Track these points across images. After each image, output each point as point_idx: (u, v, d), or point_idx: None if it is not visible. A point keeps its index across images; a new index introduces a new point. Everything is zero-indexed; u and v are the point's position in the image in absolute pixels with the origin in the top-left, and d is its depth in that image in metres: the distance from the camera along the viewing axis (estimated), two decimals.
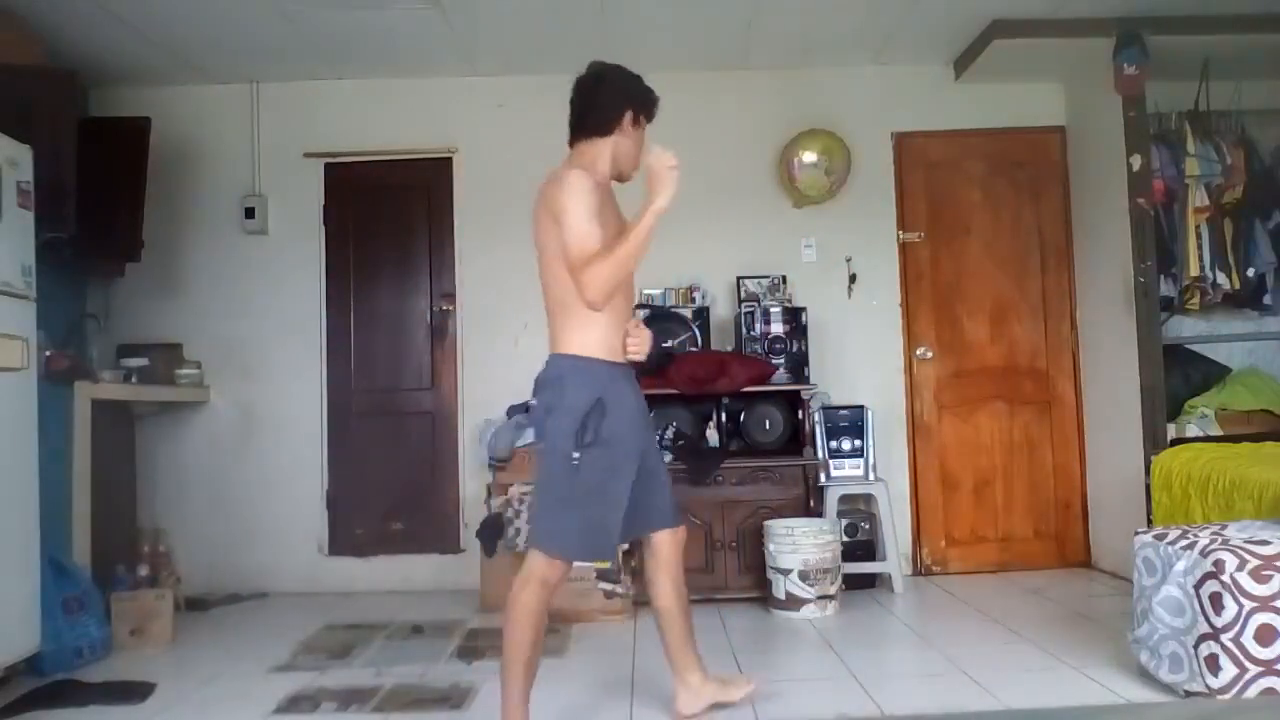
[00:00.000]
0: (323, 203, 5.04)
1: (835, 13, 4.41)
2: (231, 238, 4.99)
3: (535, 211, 2.64)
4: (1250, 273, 4.56)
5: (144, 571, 4.34)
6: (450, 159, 5.04)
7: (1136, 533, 3.10)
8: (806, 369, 4.57)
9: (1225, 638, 2.66)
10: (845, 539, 4.45)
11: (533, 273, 5.16)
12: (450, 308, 5.02)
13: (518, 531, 4.16)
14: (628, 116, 2.70)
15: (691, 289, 4.81)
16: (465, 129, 5.03)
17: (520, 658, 2.56)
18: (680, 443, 4.48)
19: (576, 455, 2.51)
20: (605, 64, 2.76)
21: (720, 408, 4.60)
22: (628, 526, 2.67)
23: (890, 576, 4.50)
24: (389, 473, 4.96)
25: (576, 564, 2.72)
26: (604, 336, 2.60)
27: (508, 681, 2.56)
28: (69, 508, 3.88)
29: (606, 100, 2.69)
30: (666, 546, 2.80)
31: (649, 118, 2.76)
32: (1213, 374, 4.65)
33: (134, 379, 4.49)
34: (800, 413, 4.48)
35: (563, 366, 2.59)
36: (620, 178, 2.79)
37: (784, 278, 4.85)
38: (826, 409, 4.64)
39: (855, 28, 4.59)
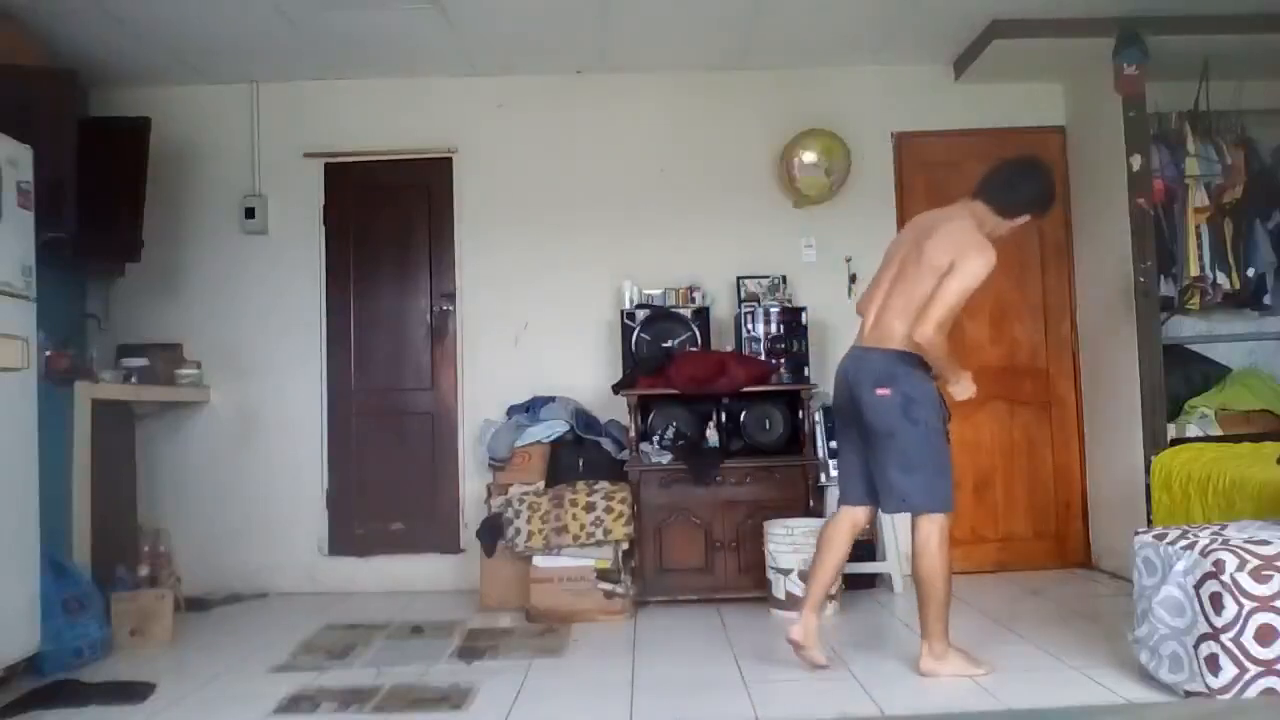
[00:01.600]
0: (323, 203, 5.04)
1: (835, 13, 4.41)
2: (231, 238, 4.99)
3: (936, 229, 3.19)
4: (1250, 273, 4.56)
5: (144, 571, 4.34)
6: (450, 159, 5.04)
7: (1136, 533, 3.10)
8: (806, 369, 4.57)
9: (1225, 638, 2.66)
10: None
11: (532, 272, 5.19)
12: (450, 308, 5.02)
13: (518, 531, 4.16)
14: (1026, 217, 3.26)
15: (691, 289, 4.81)
16: (465, 129, 5.03)
17: (947, 601, 3.10)
18: (680, 443, 4.48)
19: (945, 432, 3.14)
20: (1043, 164, 3.33)
21: (720, 408, 4.60)
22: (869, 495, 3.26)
23: (890, 576, 4.50)
24: (389, 473, 4.96)
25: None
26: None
27: (937, 621, 3.09)
28: (69, 508, 3.88)
29: (1030, 196, 3.25)
30: (864, 517, 3.35)
31: (1036, 219, 3.32)
32: (1213, 374, 4.65)
33: (134, 379, 4.49)
34: (800, 413, 4.48)
35: (912, 361, 3.12)
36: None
37: (784, 278, 4.85)
38: (826, 409, 4.64)
39: (855, 28, 4.59)
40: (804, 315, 4.62)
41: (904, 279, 3.17)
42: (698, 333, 4.65)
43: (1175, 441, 4.20)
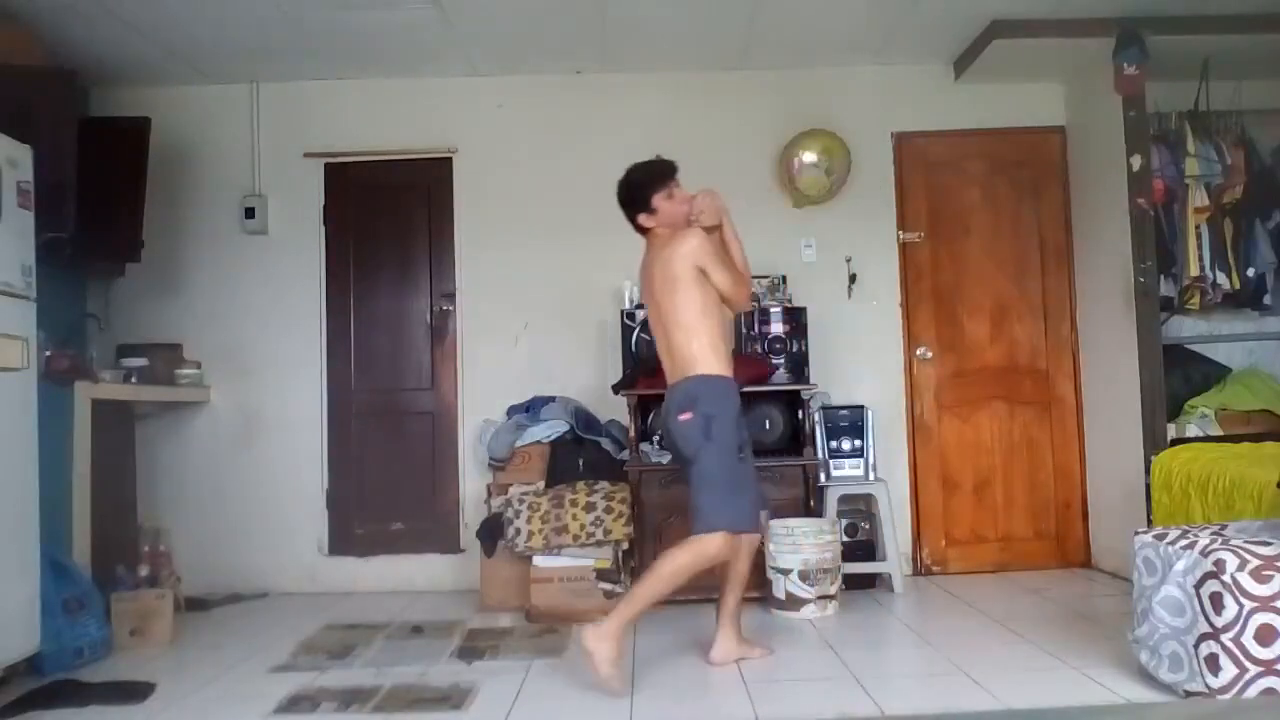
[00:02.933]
0: (323, 203, 5.04)
1: (835, 13, 4.41)
2: (231, 238, 4.99)
3: (657, 265, 3.32)
4: (1250, 273, 4.56)
5: (144, 571, 4.34)
6: (450, 159, 5.04)
7: (1136, 533, 3.10)
8: (806, 369, 4.57)
9: (1225, 638, 2.66)
10: (845, 539, 4.45)
11: (532, 272, 5.20)
12: (450, 308, 5.02)
13: (517, 531, 4.16)
14: (664, 193, 3.36)
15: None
16: (465, 129, 5.03)
17: (649, 599, 3.14)
18: None
19: (741, 453, 3.23)
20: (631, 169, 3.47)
21: None
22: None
23: (890, 576, 4.50)
24: (389, 473, 4.96)
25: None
26: (725, 359, 3.28)
27: (628, 607, 3.12)
28: (69, 508, 3.88)
29: (643, 183, 3.40)
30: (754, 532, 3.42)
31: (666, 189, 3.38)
32: (1213, 374, 4.65)
33: (134, 379, 4.49)
34: (800, 413, 4.48)
35: (713, 383, 3.21)
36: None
37: (784, 278, 4.85)
38: (826, 409, 4.64)
39: (855, 28, 4.59)
40: (804, 315, 4.62)
41: (667, 317, 3.30)
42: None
43: (1175, 441, 4.20)
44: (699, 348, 3.21)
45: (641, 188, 3.37)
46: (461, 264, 5.01)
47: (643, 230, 3.42)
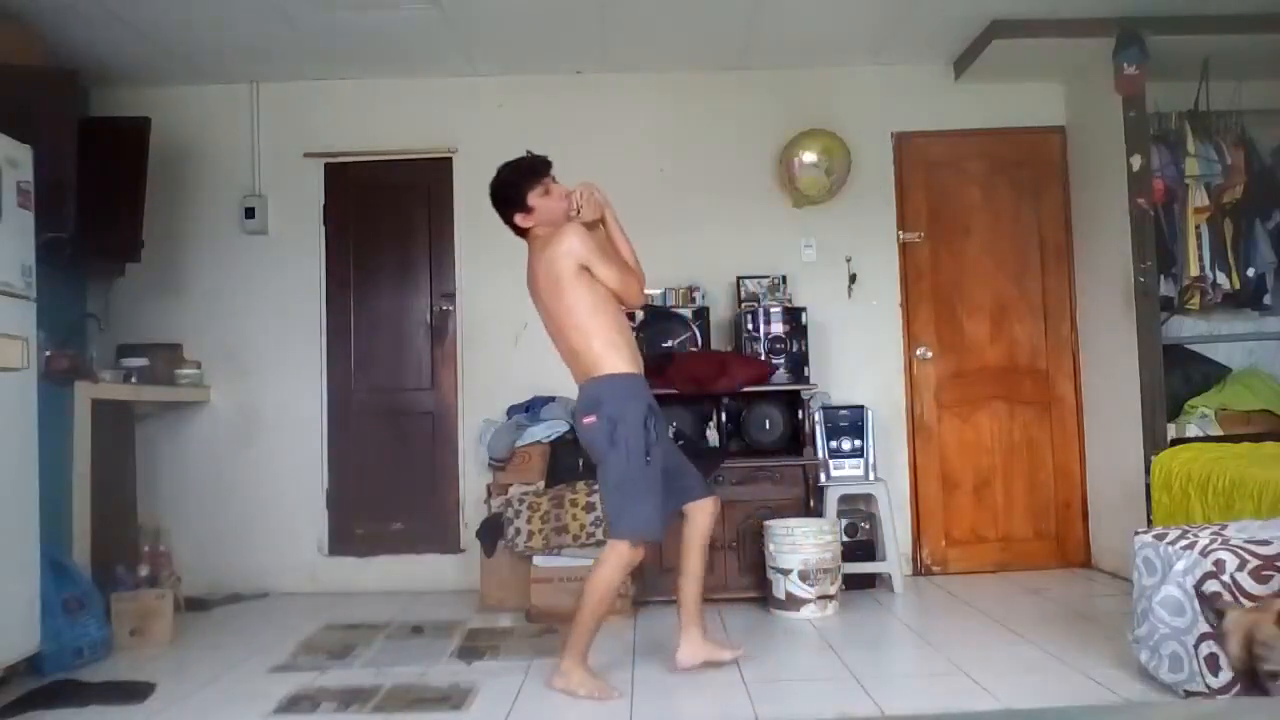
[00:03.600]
0: (323, 203, 5.04)
1: (835, 13, 4.41)
2: (231, 238, 4.99)
3: (540, 270, 3.22)
4: (1250, 273, 4.56)
5: (144, 571, 4.34)
6: (450, 159, 5.04)
7: (1136, 533, 3.10)
8: (806, 369, 4.57)
9: None
10: (845, 539, 4.45)
11: None
12: (450, 308, 5.02)
13: (517, 531, 4.16)
14: (538, 189, 3.28)
15: (691, 289, 4.81)
16: (465, 129, 5.03)
17: (593, 623, 3.09)
18: (680, 443, 4.46)
19: (649, 456, 3.04)
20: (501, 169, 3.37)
21: (720, 408, 4.60)
22: (669, 505, 3.18)
23: (890, 576, 4.50)
24: (389, 473, 4.96)
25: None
26: (628, 357, 3.14)
27: (577, 637, 3.07)
28: (69, 508, 3.88)
29: (514, 181, 3.32)
30: (703, 514, 3.27)
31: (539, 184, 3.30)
32: (1213, 374, 4.65)
33: (134, 379, 4.49)
34: (800, 413, 4.48)
35: (616, 383, 3.09)
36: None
37: (784, 278, 4.85)
38: (826, 409, 4.64)
39: (855, 28, 4.59)
40: (804, 315, 4.62)
41: (559, 319, 3.21)
42: (698, 333, 4.65)
43: (1175, 441, 4.20)
44: (600, 346, 3.09)
45: (514, 186, 3.26)
46: (461, 264, 5.01)
47: (521, 232, 3.32)
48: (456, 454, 4.95)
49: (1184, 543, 2.85)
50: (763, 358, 4.56)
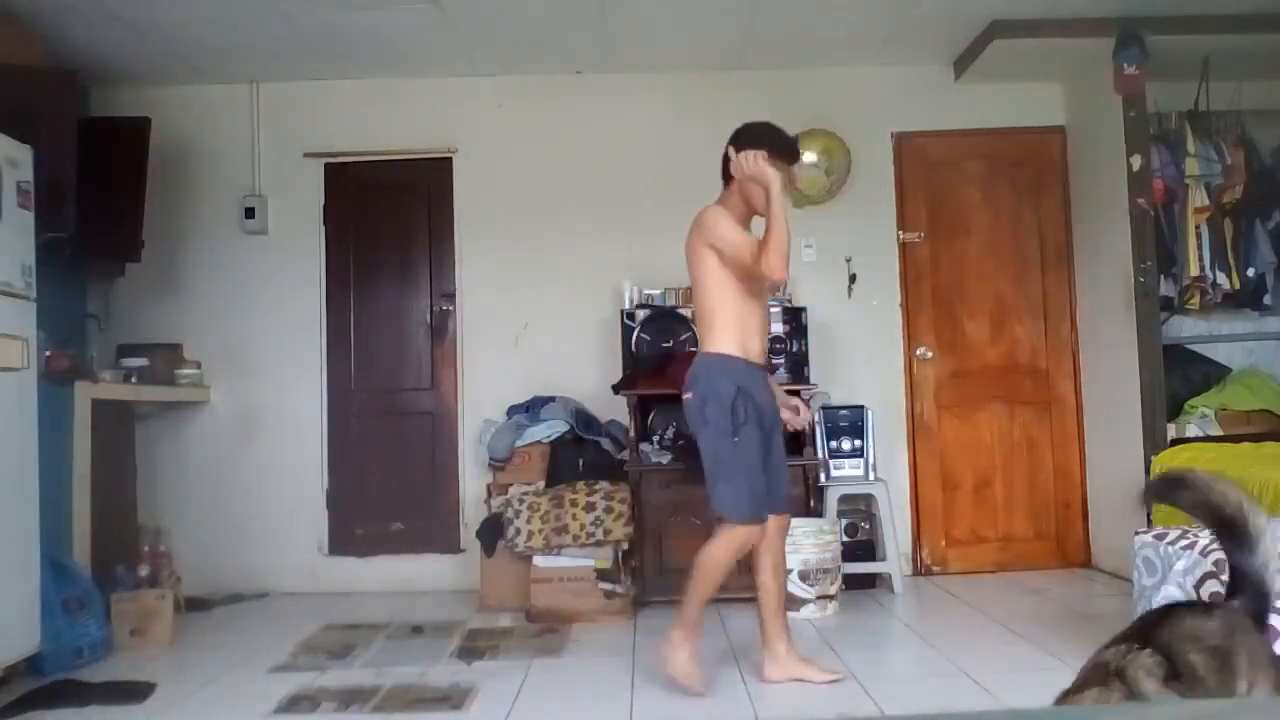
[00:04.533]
0: (323, 203, 5.04)
1: (835, 13, 4.41)
2: (231, 238, 4.99)
3: (687, 244, 3.19)
4: (1250, 273, 4.56)
5: (144, 571, 4.33)
6: (450, 159, 5.04)
7: (1136, 533, 3.10)
8: (806, 369, 4.56)
9: None
10: (845, 539, 4.45)
11: (532, 272, 5.21)
12: (450, 308, 5.02)
13: (517, 531, 4.16)
14: (763, 155, 3.12)
15: (692, 289, 4.80)
16: (465, 129, 5.03)
17: (700, 598, 3.06)
18: (680, 443, 4.47)
19: (737, 437, 3.00)
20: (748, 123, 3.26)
21: None
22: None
23: (890, 576, 4.50)
24: (389, 473, 4.96)
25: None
26: (738, 338, 3.09)
27: (688, 612, 3.06)
28: (69, 508, 3.88)
29: (728, 153, 3.22)
30: (774, 529, 3.16)
31: (785, 162, 3.17)
32: (1213, 374, 4.65)
33: (134, 379, 4.49)
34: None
35: (711, 362, 3.09)
36: (754, 212, 3.19)
37: None
38: (826, 409, 4.64)
39: (855, 28, 4.59)
40: (804, 315, 4.62)
41: (694, 292, 3.25)
42: (698, 333, 4.64)
43: (1175, 441, 4.20)
44: (711, 324, 3.11)
45: (736, 138, 3.22)
46: (461, 264, 5.01)
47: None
48: (456, 454, 4.95)
49: (1184, 543, 2.85)
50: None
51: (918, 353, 4.97)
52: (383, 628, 4.04)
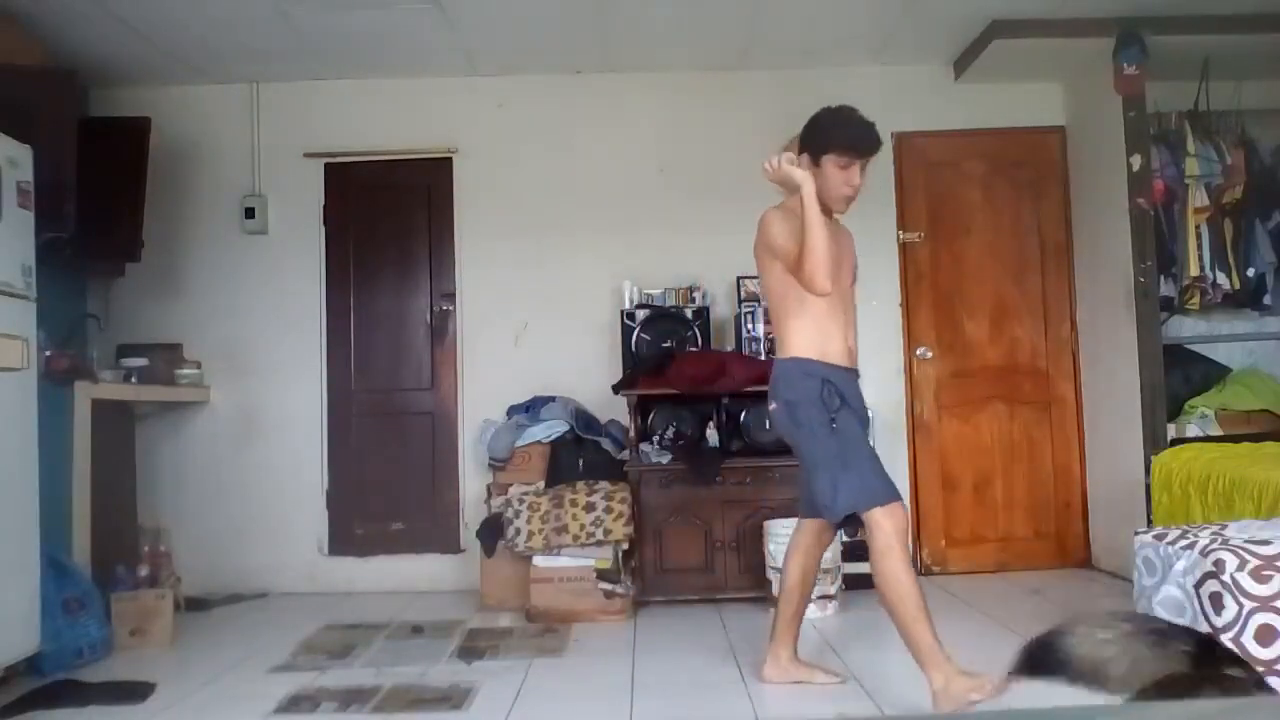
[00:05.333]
0: (323, 203, 5.04)
1: (835, 13, 4.41)
2: (231, 238, 4.99)
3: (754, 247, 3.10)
4: (1250, 273, 4.56)
5: (144, 571, 4.33)
6: (450, 159, 5.04)
7: (1136, 533, 3.09)
8: None
9: (1225, 638, 2.65)
10: (845, 539, 4.44)
11: (533, 272, 5.21)
12: (450, 308, 5.02)
13: (517, 531, 4.16)
14: (805, 159, 3.03)
15: (691, 289, 4.81)
16: (465, 129, 5.03)
17: (916, 611, 2.75)
18: (680, 443, 4.48)
19: (834, 424, 2.85)
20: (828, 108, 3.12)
21: (720, 408, 4.59)
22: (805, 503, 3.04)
23: None
24: (389, 473, 4.96)
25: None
26: (815, 342, 2.95)
27: (924, 641, 2.73)
28: (69, 508, 3.88)
29: (821, 128, 3.09)
30: (818, 531, 3.10)
31: (838, 156, 3.03)
32: (1213, 374, 4.65)
33: (134, 379, 4.49)
34: None
35: (787, 367, 2.97)
36: (828, 210, 3.00)
37: None
38: None
39: (855, 28, 4.59)
40: None
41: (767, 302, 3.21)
42: (698, 333, 4.65)
43: (1175, 441, 4.20)
44: (789, 331, 2.99)
45: (804, 138, 3.07)
46: (461, 264, 5.01)
47: None
48: (456, 454, 4.95)
49: (1184, 543, 2.85)
50: (763, 358, 4.56)
51: (918, 353, 4.97)
52: (383, 628, 4.04)
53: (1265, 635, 2.64)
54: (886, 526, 2.77)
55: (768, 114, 4.98)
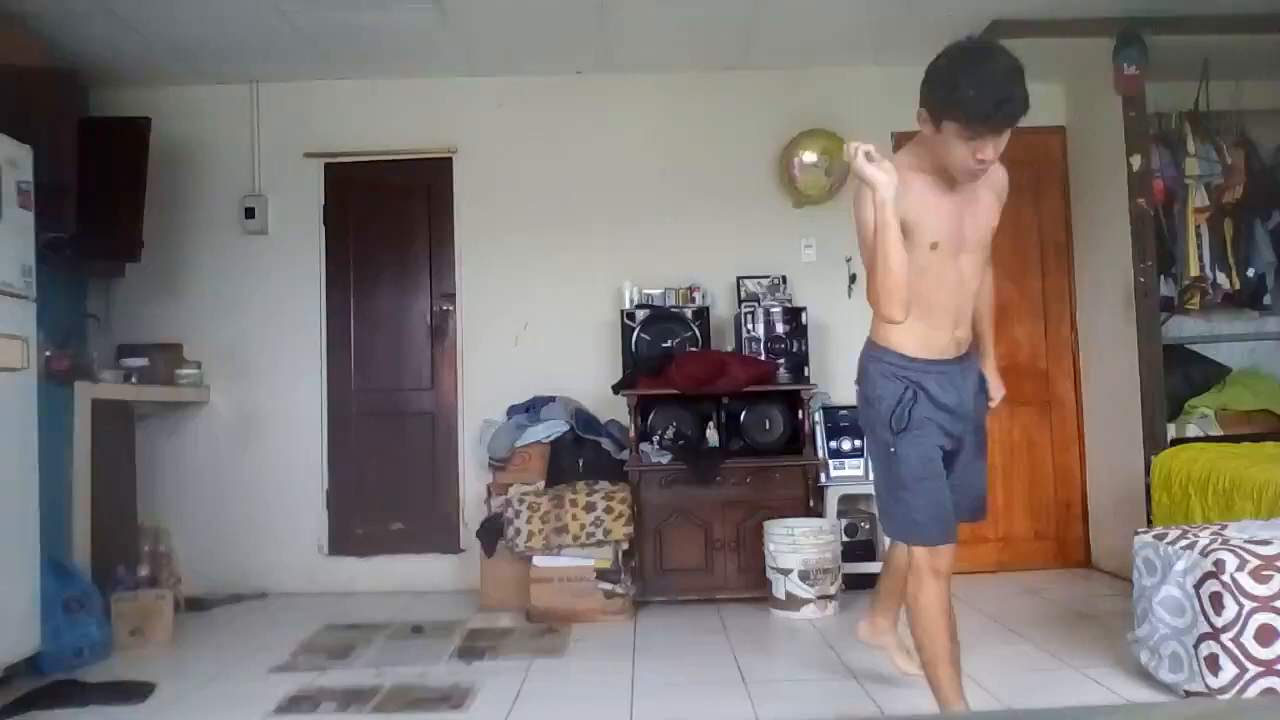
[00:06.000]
0: (323, 203, 5.04)
1: (835, 13, 4.41)
2: (231, 238, 4.98)
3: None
4: (1250, 273, 4.57)
5: (144, 571, 4.34)
6: (450, 159, 5.04)
7: (1136, 533, 3.10)
8: (806, 369, 4.57)
9: (1225, 638, 2.66)
10: (845, 539, 4.45)
11: (532, 272, 5.20)
12: (450, 308, 5.02)
13: (517, 531, 4.16)
14: (924, 115, 2.41)
15: (691, 289, 4.81)
16: (465, 129, 5.03)
17: (942, 657, 2.47)
18: (680, 443, 4.47)
19: (893, 447, 2.47)
20: (974, 44, 2.46)
21: (720, 408, 4.59)
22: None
23: None
24: (389, 473, 4.96)
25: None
26: (907, 326, 2.43)
27: (941, 685, 2.47)
28: (69, 508, 3.88)
29: (934, 82, 2.37)
30: None
31: (961, 127, 2.32)
32: (1213, 374, 4.65)
33: (134, 379, 4.49)
34: (800, 413, 4.48)
35: (867, 356, 2.57)
36: (950, 179, 2.48)
37: (784, 278, 4.85)
38: (826, 409, 4.64)
39: (855, 28, 4.59)
40: (804, 315, 4.62)
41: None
42: (698, 333, 4.65)
43: (1175, 441, 4.20)
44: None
45: (924, 89, 2.38)
46: (461, 264, 5.01)
47: None
48: (456, 454, 4.95)
49: (1184, 543, 2.85)
50: (763, 358, 4.57)
51: None
52: (383, 628, 4.04)
53: (1265, 635, 2.65)
54: (923, 565, 2.46)
55: (768, 114, 5.00)
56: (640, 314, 4.64)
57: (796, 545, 4.02)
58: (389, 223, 5.06)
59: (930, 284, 2.43)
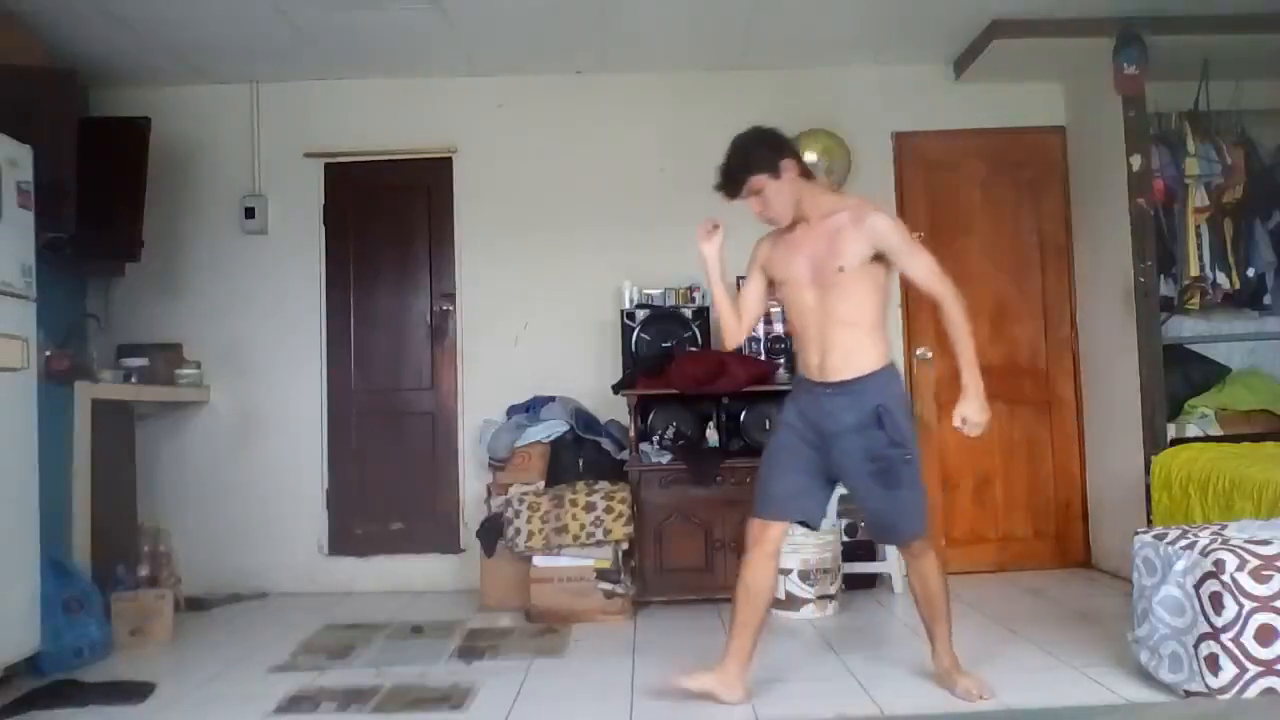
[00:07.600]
0: (323, 203, 5.04)
1: (835, 13, 4.41)
2: (231, 238, 4.98)
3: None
4: (1250, 273, 4.57)
5: (144, 571, 4.34)
6: (450, 159, 5.04)
7: (1136, 533, 3.10)
8: None
9: (1225, 638, 2.66)
10: (845, 539, 4.45)
11: (532, 272, 5.20)
12: (450, 308, 5.02)
13: (517, 531, 4.16)
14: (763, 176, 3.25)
15: (691, 289, 4.81)
16: (465, 129, 5.03)
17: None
18: (680, 443, 4.48)
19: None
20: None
21: (720, 408, 4.59)
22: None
23: (890, 576, 4.50)
24: (389, 473, 4.96)
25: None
26: (800, 355, 3.10)
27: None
28: (69, 508, 3.88)
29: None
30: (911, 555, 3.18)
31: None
32: (1213, 374, 4.65)
33: (134, 379, 4.49)
34: None
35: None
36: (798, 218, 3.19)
37: None
38: None
39: (855, 28, 4.59)
40: None
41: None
42: (698, 333, 4.64)
43: (1175, 441, 4.20)
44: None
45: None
46: (461, 264, 5.01)
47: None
48: (456, 454, 4.95)
49: (1184, 543, 2.85)
50: (762, 358, 4.56)
51: (918, 353, 4.97)
52: (383, 628, 4.04)
53: (1265, 635, 2.65)
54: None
55: (768, 114, 4.92)
56: (640, 314, 4.64)
57: (796, 545, 4.02)
58: (389, 223, 5.06)
59: (793, 314, 3.09)
